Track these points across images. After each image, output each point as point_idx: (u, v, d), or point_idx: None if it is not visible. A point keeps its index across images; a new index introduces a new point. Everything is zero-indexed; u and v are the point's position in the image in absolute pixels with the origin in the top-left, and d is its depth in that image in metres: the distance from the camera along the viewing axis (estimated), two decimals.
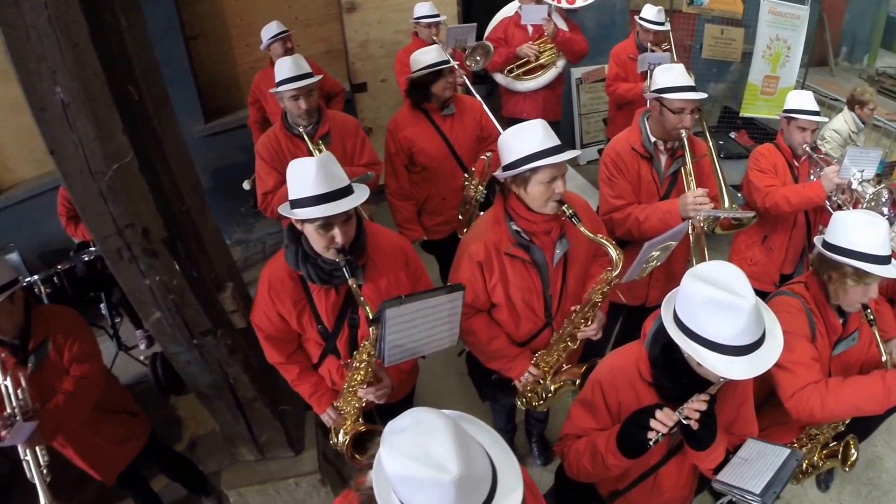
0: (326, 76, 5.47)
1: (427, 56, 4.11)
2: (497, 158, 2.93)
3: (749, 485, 2.20)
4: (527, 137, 2.67)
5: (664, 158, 3.60)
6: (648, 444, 2.22)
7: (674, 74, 3.42)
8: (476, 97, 4.61)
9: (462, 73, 4.74)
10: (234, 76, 6.56)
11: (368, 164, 4.25)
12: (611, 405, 2.43)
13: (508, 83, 6.04)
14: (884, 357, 2.78)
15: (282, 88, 3.86)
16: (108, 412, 3.44)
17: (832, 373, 2.85)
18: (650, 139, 3.56)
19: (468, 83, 4.89)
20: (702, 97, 3.42)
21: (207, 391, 3.20)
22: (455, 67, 4.26)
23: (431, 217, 4.56)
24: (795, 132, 3.91)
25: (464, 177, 4.30)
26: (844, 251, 2.60)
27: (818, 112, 3.87)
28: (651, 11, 5.58)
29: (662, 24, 5.59)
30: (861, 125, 5.99)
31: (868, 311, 2.78)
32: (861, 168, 3.62)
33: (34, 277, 4.58)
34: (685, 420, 2.18)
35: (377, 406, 3.01)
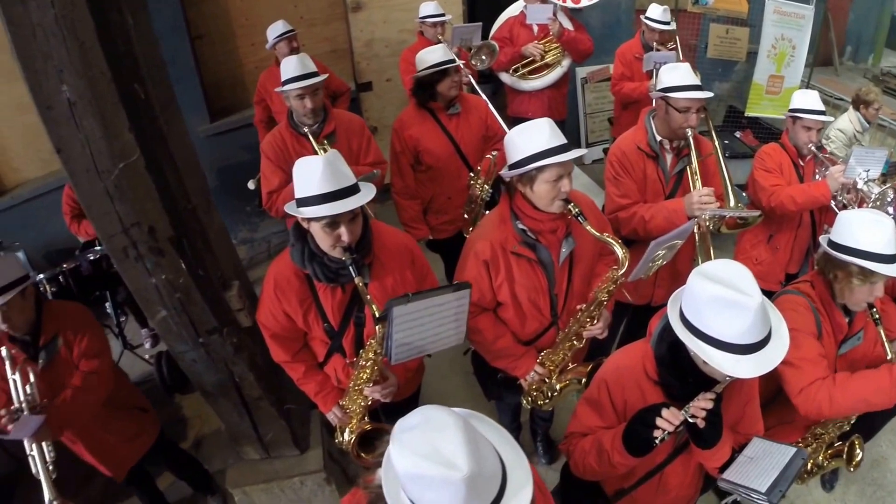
0: (332, 75, 5.46)
1: (433, 55, 4.11)
2: (503, 157, 2.92)
3: (755, 483, 2.20)
4: (533, 136, 2.66)
5: (670, 157, 3.59)
6: (654, 443, 2.22)
7: (680, 73, 3.41)
8: (482, 96, 4.61)
9: (467, 73, 4.74)
10: (240, 75, 6.56)
11: (374, 163, 4.25)
12: (616, 404, 2.43)
13: (513, 82, 6.04)
14: (889, 356, 2.77)
15: (287, 87, 3.86)
16: (119, 408, 3.45)
17: (838, 372, 2.84)
18: (656, 138, 3.55)
19: (474, 82, 4.89)
20: (708, 96, 3.41)
21: (213, 390, 3.21)
22: (461, 67, 4.26)
23: (437, 216, 4.56)
24: (801, 132, 3.91)
25: (469, 176, 4.30)
26: (850, 250, 2.60)
27: (824, 112, 3.87)
28: (657, 11, 5.59)
29: (668, 24, 5.59)
30: (866, 125, 5.99)
31: (874, 311, 2.78)
32: (866, 167, 3.63)
33: (39, 276, 4.58)
34: (691, 418, 2.18)
35: (382, 405, 3.01)
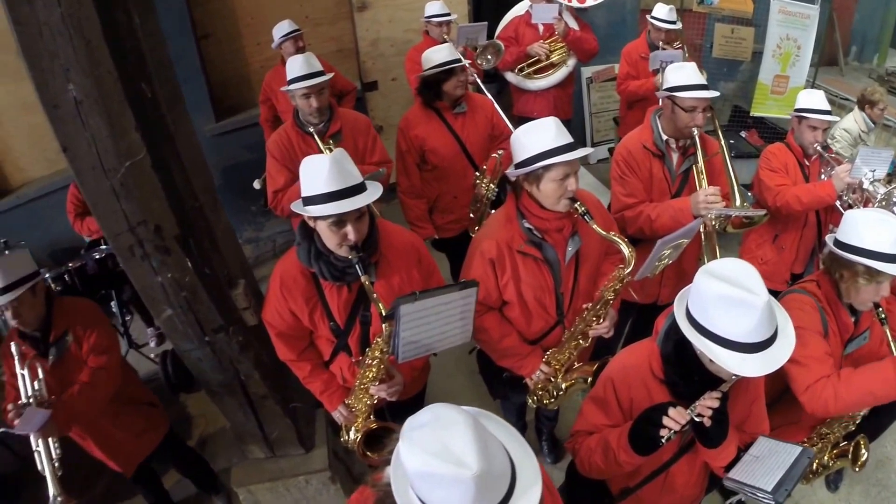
0: (338, 74, 5.47)
1: (439, 54, 4.12)
2: (508, 156, 2.93)
3: (761, 482, 2.20)
4: (540, 135, 2.67)
5: (676, 156, 3.59)
6: (660, 442, 2.22)
7: (686, 73, 3.42)
8: (487, 96, 4.62)
9: (473, 72, 4.74)
10: (245, 75, 6.56)
11: (380, 163, 4.26)
12: (623, 402, 2.43)
13: (519, 82, 6.05)
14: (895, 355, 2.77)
15: (293, 86, 3.87)
16: (128, 403, 3.46)
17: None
18: (662, 137, 3.55)
19: (479, 82, 4.90)
20: (714, 95, 3.42)
21: (218, 388, 3.21)
22: (466, 66, 4.26)
23: (443, 215, 4.56)
24: (807, 131, 3.90)
25: (475, 175, 4.30)
26: (856, 249, 2.60)
27: (830, 111, 3.86)
28: (663, 10, 5.59)
29: (674, 23, 5.60)
30: (871, 125, 5.99)
31: (880, 310, 2.77)
32: (872, 167, 3.62)
33: (45, 275, 4.57)
34: (697, 417, 2.17)
35: (388, 403, 3.01)
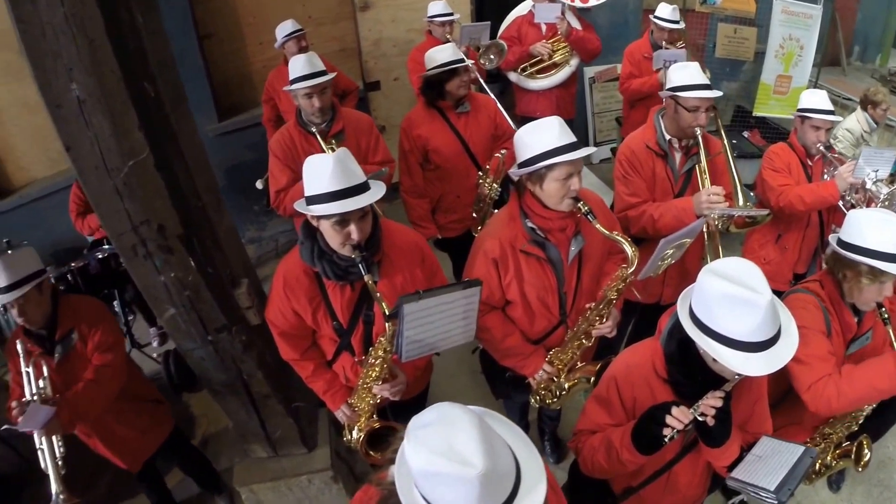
0: (340, 74, 5.46)
1: (442, 54, 4.12)
2: (511, 156, 2.92)
3: (764, 482, 2.19)
4: (543, 134, 2.66)
5: (679, 156, 3.59)
6: (664, 441, 2.21)
7: (689, 73, 3.41)
8: (490, 95, 4.61)
9: (475, 72, 4.74)
10: (248, 74, 6.56)
11: (382, 162, 4.25)
12: (626, 401, 2.43)
13: (522, 81, 6.04)
14: None
15: (296, 86, 3.87)
16: (133, 400, 3.47)
17: None
18: (665, 137, 3.55)
19: (482, 81, 4.90)
20: (717, 95, 3.41)
21: (221, 388, 3.21)
22: (469, 66, 4.26)
23: (446, 215, 4.56)
24: (809, 131, 3.89)
25: (478, 174, 4.30)
26: (859, 249, 2.60)
27: (833, 111, 3.85)
28: (666, 10, 5.60)
29: (677, 23, 5.61)
30: (874, 125, 5.98)
31: (883, 310, 2.77)
32: (875, 167, 3.61)
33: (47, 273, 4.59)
34: (700, 417, 2.17)
35: (391, 403, 3.01)
